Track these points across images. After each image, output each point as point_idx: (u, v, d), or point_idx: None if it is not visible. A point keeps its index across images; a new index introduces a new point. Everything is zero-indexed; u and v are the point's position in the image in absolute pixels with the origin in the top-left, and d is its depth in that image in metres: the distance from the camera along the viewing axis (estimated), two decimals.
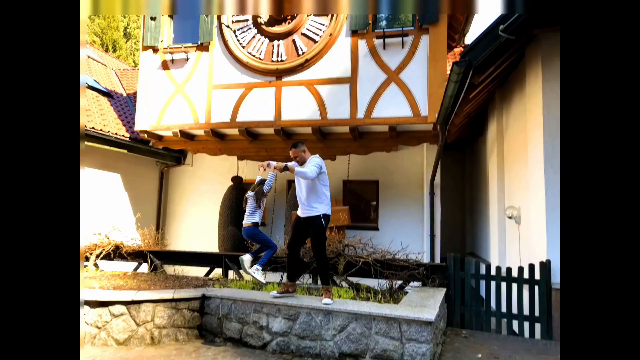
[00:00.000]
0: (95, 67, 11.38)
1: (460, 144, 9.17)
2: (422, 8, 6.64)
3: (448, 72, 5.29)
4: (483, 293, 4.86)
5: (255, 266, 4.44)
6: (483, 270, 4.87)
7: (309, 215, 4.07)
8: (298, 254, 4.37)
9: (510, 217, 5.62)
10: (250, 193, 4.69)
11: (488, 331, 4.63)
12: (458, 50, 9.77)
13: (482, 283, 4.92)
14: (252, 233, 4.62)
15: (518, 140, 5.50)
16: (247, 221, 4.65)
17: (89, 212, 7.60)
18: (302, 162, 4.13)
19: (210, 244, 8.47)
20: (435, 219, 7.52)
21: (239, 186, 8.49)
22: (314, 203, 4.05)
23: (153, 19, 7.95)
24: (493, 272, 4.80)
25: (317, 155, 4.24)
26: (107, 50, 28.92)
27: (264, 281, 4.52)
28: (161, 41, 7.94)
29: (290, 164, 4.00)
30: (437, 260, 7.39)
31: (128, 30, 35.25)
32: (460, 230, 9.82)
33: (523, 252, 5.25)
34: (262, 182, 4.68)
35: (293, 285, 4.28)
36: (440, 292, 4.49)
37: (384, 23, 7.15)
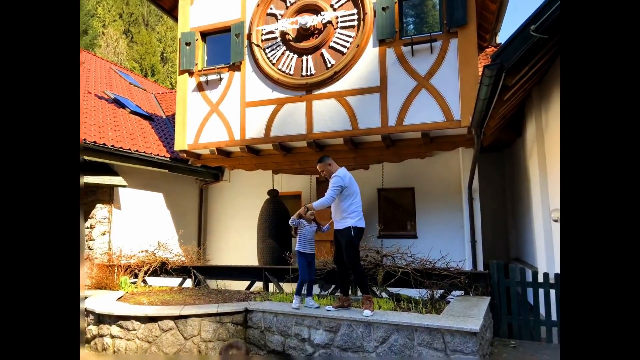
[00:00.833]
0: (136, 92, 12.04)
1: (498, 145, 8.91)
2: (449, 12, 6.58)
3: (480, 74, 5.19)
4: (531, 301, 4.66)
5: (295, 300, 4.43)
6: (529, 277, 4.68)
7: (339, 228, 4.15)
8: (345, 267, 4.33)
9: (556, 221, 5.38)
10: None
11: (538, 341, 4.43)
12: (490, 50, 9.55)
13: (530, 290, 4.73)
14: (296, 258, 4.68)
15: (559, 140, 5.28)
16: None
17: (136, 231, 7.99)
18: (329, 175, 4.23)
19: (250, 257, 8.65)
20: (475, 225, 7.31)
21: (275, 199, 8.64)
22: (343, 216, 4.12)
23: (188, 44, 8.34)
24: (540, 278, 4.60)
25: (342, 168, 4.30)
26: (145, 75, 30.48)
27: (313, 304, 4.37)
28: (196, 64, 8.30)
29: (308, 208, 4.23)
30: (480, 267, 7.17)
31: (164, 54, 36.99)
32: (504, 235, 9.47)
33: None
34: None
35: (348, 300, 4.28)
36: (484, 301, 4.36)
37: (411, 28, 7.13)
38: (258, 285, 6.29)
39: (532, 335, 4.50)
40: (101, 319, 4.54)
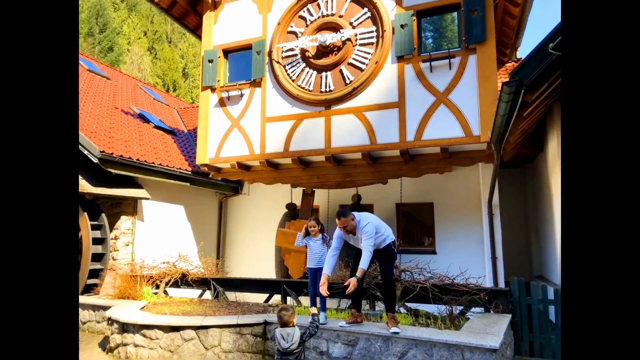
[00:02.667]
0: (160, 108, 12.44)
1: (519, 161, 8.81)
2: (467, 28, 6.65)
3: (499, 89, 5.22)
4: (553, 319, 4.57)
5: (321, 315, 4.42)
6: (551, 295, 4.60)
7: (379, 247, 4.19)
8: (361, 284, 4.33)
9: None
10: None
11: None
12: (510, 65, 9.54)
13: (552, 308, 4.64)
14: None
15: None
16: None
17: (158, 242, 8.18)
18: (352, 229, 4.06)
19: (267, 269, 8.72)
20: (495, 241, 7.22)
21: (293, 213, 8.73)
22: (381, 244, 4.18)
23: (210, 61, 8.62)
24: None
25: (363, 214, 4.21)
26: (168, 90, 31.40)
27: (321, 320, 4.33)
28: (218, 81, 8.57)
29: (359, 275, 3.90)
30: (501, 284, 7.04)
31: (186, 70, 38.08)
32: (526, 252, 9.28)
33: None
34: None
35: (360, 316, 4.30)
36: (505, 319, 4.30)
37: (429, 45, 7.21)
38: (276, 298, 6.34)
39: (554, 354, 4.40)
40: (125, 327, 4.66)
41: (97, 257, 6.89)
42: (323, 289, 4.01)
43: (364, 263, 3.92)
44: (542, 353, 4.45)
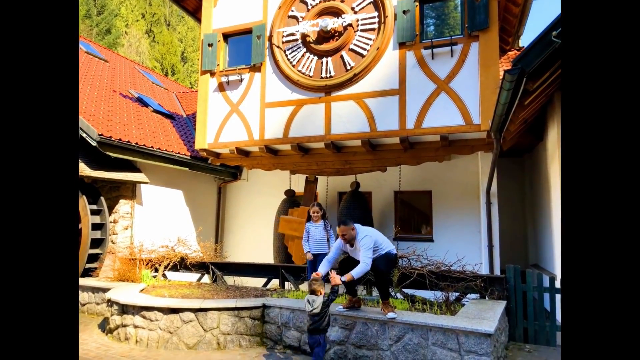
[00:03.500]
0: (158, 91, 12.34)
1: (518, 150, 8.81)
2: (470, 15, 6.58)
3: (501, 78, 5.19)
4: (548, 307, 4.64)
5: None
6: (546, 283, 4.66)
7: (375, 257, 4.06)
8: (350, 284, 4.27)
9: None
10: None
11: (554, 346, 4.41)
12: (512, 53, 9.46)
13: (546, 296, 4.71)
14: None
15: None
16: None
17: (157, 227, 8.21)
18: (350, 238, 4.04)
19: (266, 255, 8.79)
20: (492, 230, 7.27)
21: (291, 199, 8.75)
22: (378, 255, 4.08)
23: (210, 45, 8.53)
24: (558, 284, 4.58)
25: (362, 228, 4.13)
26: (166, 74, 31.11)
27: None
28: (217, 65, 8.49)
29: (344, 278, 3.83)
30: (497, 272, 7.12)
31: (185, 54, 37.64)
32: (522, 241, 9.36)
33: None
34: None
35: (358, 300, 4.34)
36: (500, 305, 4.36)
37: (431, 32, 7.14)
38: (274, 282, 6.40)
39: (548, 341, 4.48)
40: (125, 309, 4.71)
41: (96, 242, 6.92)
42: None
43: (356, 271, 3.82)
44: (536, 339, 4.53)
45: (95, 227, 6.88)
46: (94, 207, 6.99)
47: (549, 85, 5.20)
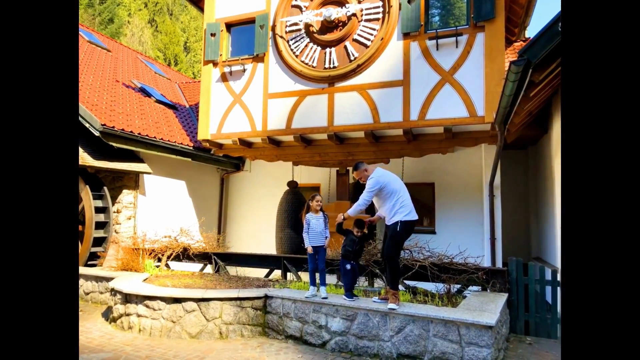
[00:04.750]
0: (161, 82, 12.30)
1: (522, 142, 8.75)
2: (476, 5, 6.49)
3: (506, 69, 5.13)
4: (549, 299, 4.64)
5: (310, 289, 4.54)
6: (548, 276, 4.65)
7: (388, 224, 4.16)
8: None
9: None
10: None
11: (555, 339, 4.43)
12: (518, 44, 9.34)
13: (548, 289, 4.71)
14: None
15: None
16: None
17: (160, 217, 8.24)
18: (365, 180, 4.22)
19: (268, 245, 8.81)
20: (495, 222, 7.25)
21: (294, 190, 8.75)
22: (391, 215, 4.09)
23: (213, 35, 8.47)
24: (559, 277, 4.57)
25: (377, 168, 4.30)
26: (169, 64, 30.98)
27: (323, 295, 4.41)
28: (220, 55, 8.43)
29: (344, 217, 4.26)
30: (499, 265, 7.12)
31: (187, 44, 37.44)
32: (525, 234, 9.34)
33: None
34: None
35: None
36: (501, 297, 4.37)
37: (436, 22, 7.05)
38: (276, 273, 6.43)
39: (549, 333, 4.49)
40: (128, 298, 4.75)
41: (100, 226, 6.98)
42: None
43: (352, 210, 4.13)
44: (537, 332, 4.55)
45: (99, 210, 6.94)
46: (98, 195, 7.03)
47: (555, 76, 5.13)
